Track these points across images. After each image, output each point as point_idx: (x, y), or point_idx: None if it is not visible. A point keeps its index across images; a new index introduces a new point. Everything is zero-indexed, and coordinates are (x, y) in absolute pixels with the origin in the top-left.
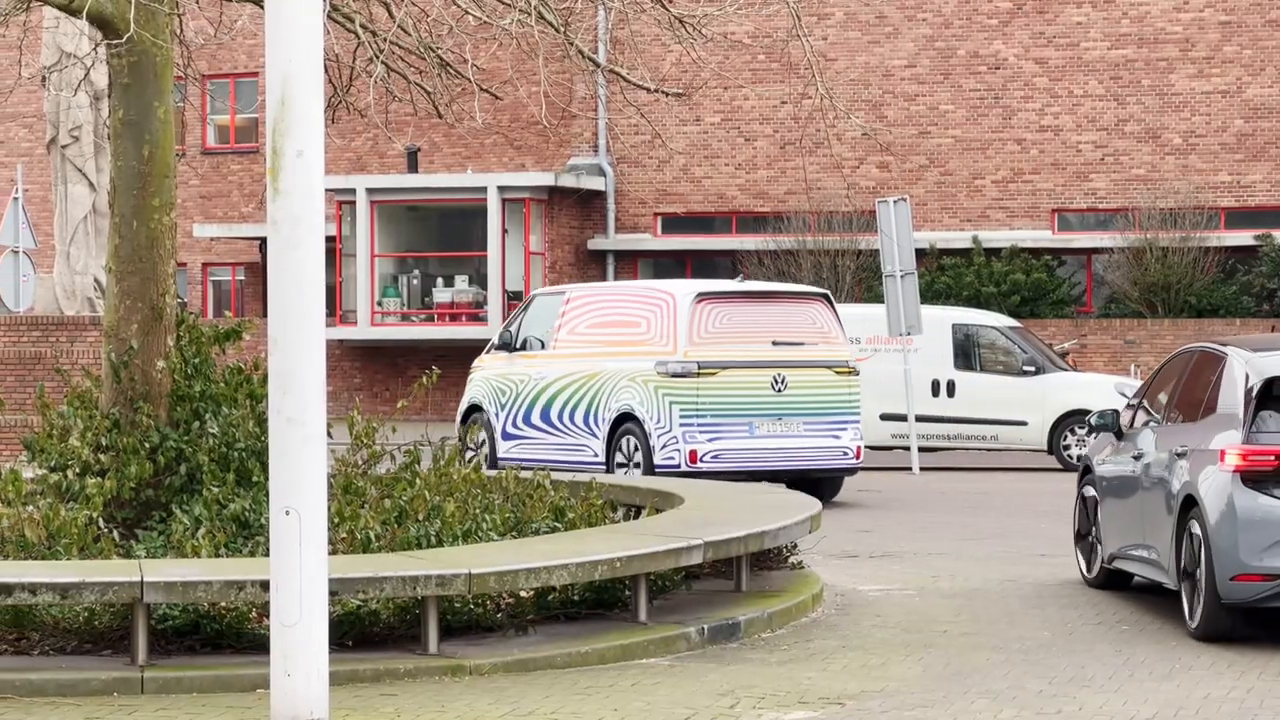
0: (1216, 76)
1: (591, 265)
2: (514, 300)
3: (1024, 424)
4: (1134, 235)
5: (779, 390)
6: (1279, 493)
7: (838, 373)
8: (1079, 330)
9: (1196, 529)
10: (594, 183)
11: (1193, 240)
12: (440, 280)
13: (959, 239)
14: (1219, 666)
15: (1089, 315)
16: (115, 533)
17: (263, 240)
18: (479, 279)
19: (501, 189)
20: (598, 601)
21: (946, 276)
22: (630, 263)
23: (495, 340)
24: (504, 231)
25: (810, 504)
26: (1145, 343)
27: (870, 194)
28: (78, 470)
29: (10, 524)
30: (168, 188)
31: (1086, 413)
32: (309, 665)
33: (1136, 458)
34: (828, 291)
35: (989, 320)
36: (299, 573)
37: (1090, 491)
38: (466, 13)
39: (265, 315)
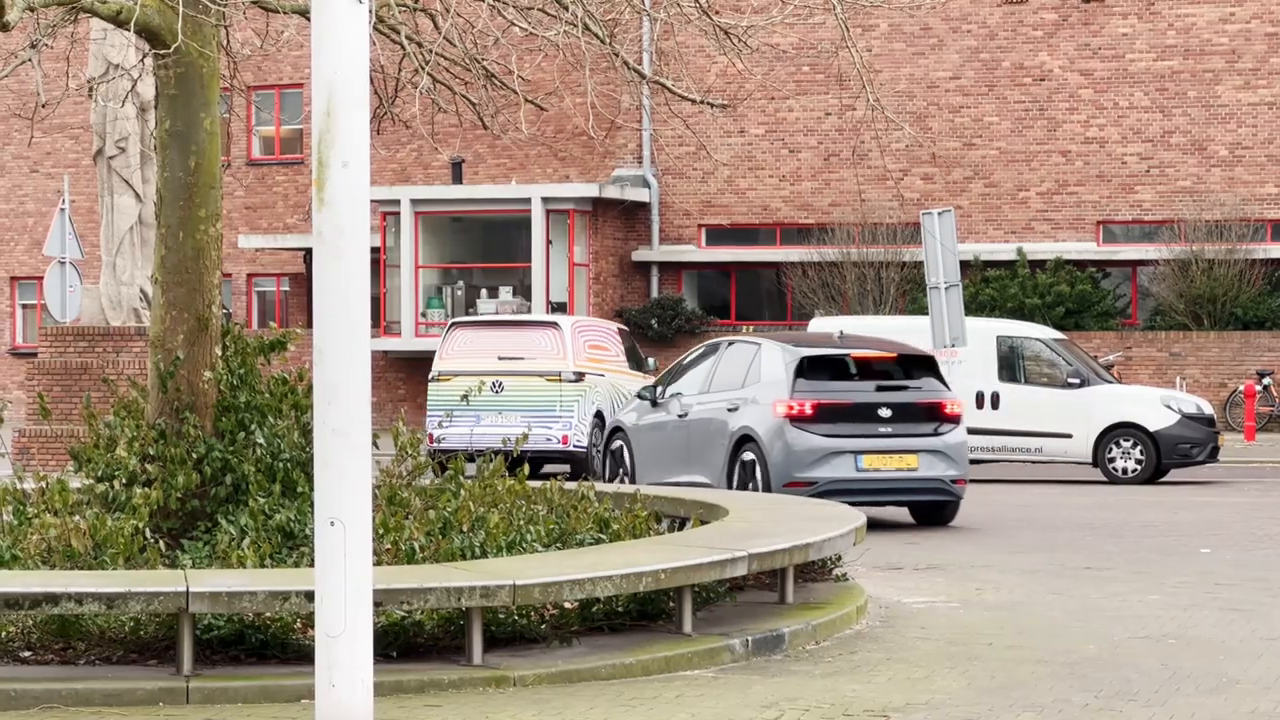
0: (1263, 88)
1: (636, 277)
2: (557, 311)
3: (1069, 436)
4: (1180, 247)
5: (497, 392)
6: (813, 429)
7: (549, 380)
8: (1124, 342)
9: (750, 456)
10: (638, 194)
11: (1239, 252)
12: (484, 291)
13: (1003, 251)
14: (1266, 680)
15: (1134, 328)
16: (161, 543)
17: (307, 251)
18: (523, 290)
19: (546, 200)
20: (642, 613)
21: (991, 288)
22: (674, 274)
23: None
24: (548, 243)
25: (854, 516)
26: (1191, 355)
27: (914, 206)
28: (124, 480)
29: (57, 534)
30: (213, 199)
31: (1132, 426)
32: (354, 676)
33: (681, 415)
34: (558, 320)
35: (1034, 332)
36: (344, 583)
37: (618, 444)
38: (512, 24)
39: (310, 326)
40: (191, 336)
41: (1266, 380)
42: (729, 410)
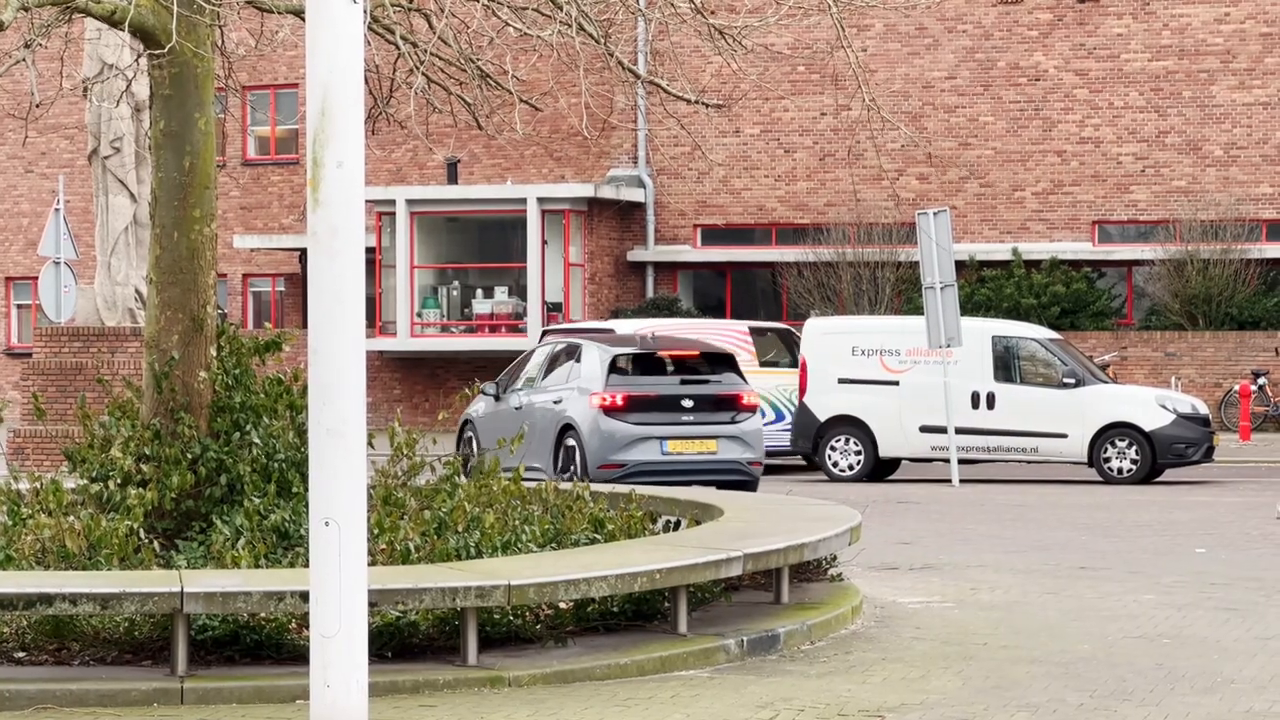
0: (1258, 88)
1: (631, 277)
2: (553, 312)
3: (1064, 436)
4: (1175, 247)
5: None
6: (624, 418)
7: None
8: (1119, 342)
9: (572, 442)
10: (633, 194)
11: (1234, 252)
12: (480, 291)
13: (999, 251)
14: (1261, 679)
15: (1129, 327)
16: (156, 543)
17: (303, 251)
18: (518, 290)
19: (541, 200)
20: (637, 613)
21: (986, 288)
22: (670, 275)
23: None
24: (543, 243)
25: (850, 516)
26: (1186, 355)
27: (910, 206)
28: (119, 481)
29: (51, 534)
30: (208, 199)
31: (1128, 426)
32: (348, 676)
33: (517, 408)
34: (615, 327)
35: (1029, 332)
36: (339, 584)
37: (468, 435)
38: (507, 24)
39: (305, 326)
40: (186, 337)
41: (1261, 380)
42: (554, 403)
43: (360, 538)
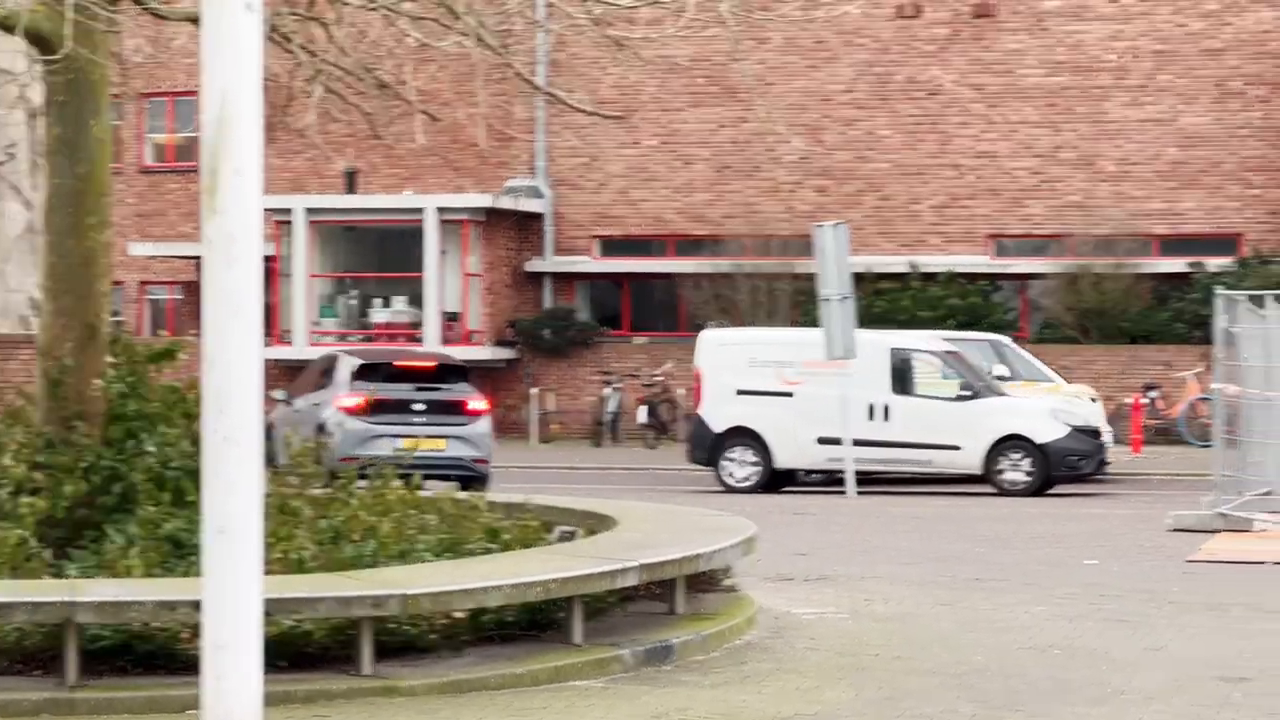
0: (1150, 104)
1: (529, 287)
2: (450, 321)
3: (958, 449)
4: (1069, 261)
5: None
6: (364, 419)
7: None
8: None
9: (326, 439)
10: (532, 205)
11: (1126, 267)
12: (378, 301)
13: (896, 263)
14: (1149, 690)
15: (1024, 340)
16: (47, 552)
17: (200, 259)
18: (416, 300)
19: (439, 210)
20: (532, 623)
21: (883, 301)
22: (568, 285)
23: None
24: (442, 253)
25: (745, 527)
26: (1079, 368)
27: (807, 218)
28: (10, 489)
29: None
30: (104, 206)
31: (1022, 438)
32: (241, 686)
33: (297, 411)
34: None
35: (926, 345)
36: (232, 593)
37: (273, 435)
38: (406, 34)
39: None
40: (80, 344)
41: (1153, 393)
42: (315, 405)
43: (255, 547)
